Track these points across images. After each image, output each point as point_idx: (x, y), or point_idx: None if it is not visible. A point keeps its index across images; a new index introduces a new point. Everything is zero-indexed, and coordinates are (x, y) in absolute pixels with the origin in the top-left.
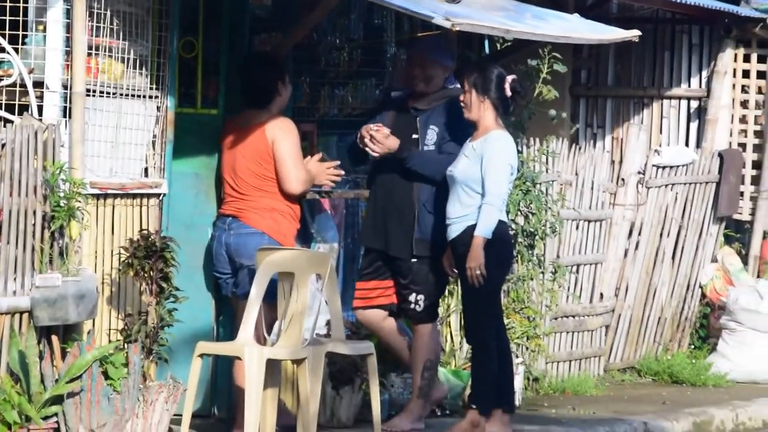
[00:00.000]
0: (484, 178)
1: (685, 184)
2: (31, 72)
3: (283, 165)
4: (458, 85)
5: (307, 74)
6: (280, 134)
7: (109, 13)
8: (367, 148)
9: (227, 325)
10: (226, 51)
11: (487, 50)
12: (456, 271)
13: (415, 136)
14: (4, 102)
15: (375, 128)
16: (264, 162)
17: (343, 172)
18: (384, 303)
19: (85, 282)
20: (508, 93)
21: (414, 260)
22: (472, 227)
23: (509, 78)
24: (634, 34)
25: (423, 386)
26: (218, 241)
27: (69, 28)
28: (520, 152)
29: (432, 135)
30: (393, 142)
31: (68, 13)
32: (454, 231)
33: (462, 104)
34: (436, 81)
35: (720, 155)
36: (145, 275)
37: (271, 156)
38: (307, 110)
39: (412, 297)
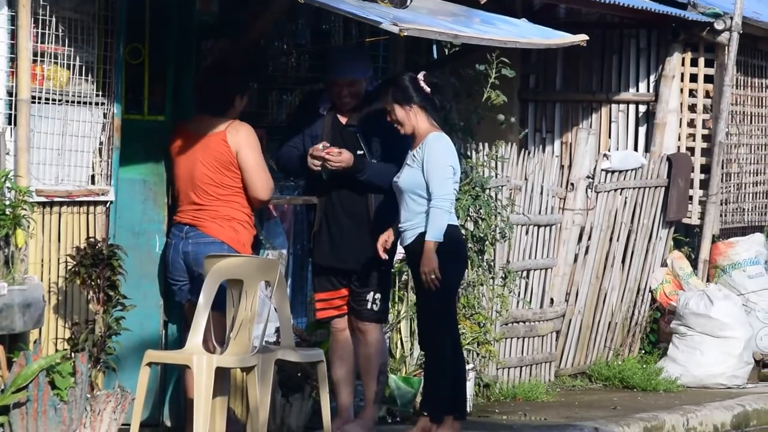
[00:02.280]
0: (428, 182)
1: (634, 188)
2: None
3: (252, 174)
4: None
5: (255, 80)
6: (245, 143)
7: (54, 19)
8: (317, 167)
9: (175, 332)
10: (173, 57)
11: (435, 55)
12: (387, 257)
13: (359, 152)
14: None
15: (324, 150)
16: (226, 171)
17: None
18: (346, 311)
19: (32, 291)
20: (427, 90)
21: (370, 267)
22: (424, 233)
23: (421, 76)
24: (581, 38)
25: (378, 391)
26: (174, 249)
27: (14, 34)
28: (468, 157)
29: (376, 147)
30: (347, 157)
31: (13, 20)
32: (406, 238)
33: (394, 124)
34: (360, 88)
35: (668, 159)
36: (92, 283)
37: (235, 165)
38: (256, 116)
39: (369, 296)
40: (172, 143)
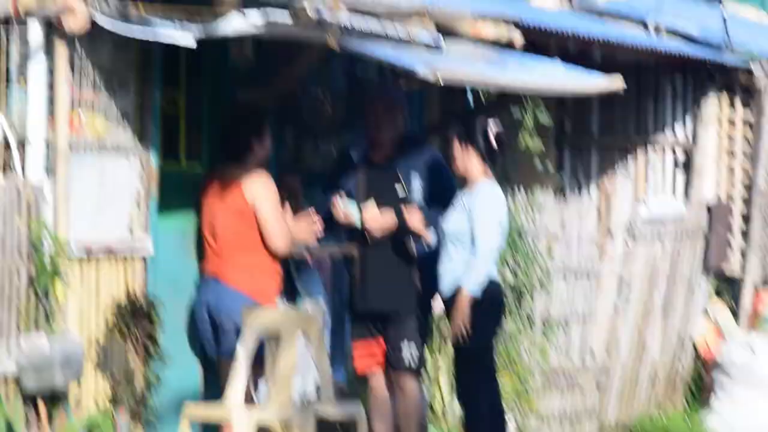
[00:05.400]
0: (473, 231)
1: (673, 236)
2: (12, 128)
3: (267, 224)
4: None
5: (290, 126)
6: (261, 194)
7: (91, 67)
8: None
9: (214, 385)
10: (209, 105)
11: (470, 100)
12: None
13: (399, 193)
14: None
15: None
16: (246, 220)
17: (321, 226)
18: (383, 361)
19: (71, 345)
20: (493, 142)
21: (408, 314)
22: (459, 281)
23: (493, 127)
24: (617, 83)
25: None
26: (200, 302)
27: (51, 84)
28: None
29: (417, 189)
30: (390, 220)
31: (50, 70)
32: (445, 286)
33: (447, 156)
34: (396, 128)
35: (708, 207)
36: (132, 337)
37: (252, 214)
38: (291, 163)
39: (404, 345)
40: (201, 193)
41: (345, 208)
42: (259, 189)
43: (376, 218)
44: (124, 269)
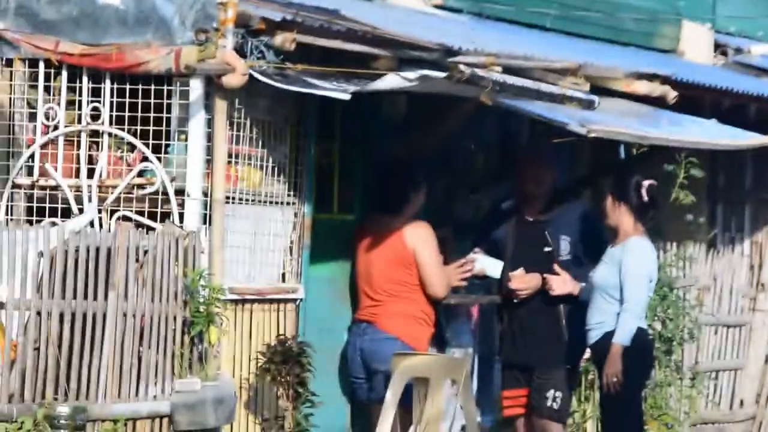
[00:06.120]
0: (623, 285)
1: None
2: (173, 180)
3: (427, 270)
4: (574, 191)
5: (442, 178)
6: (421, 241)
7: (248, 122)
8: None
9: (363, 430)
10: (361, 156)
11: (622, 156)
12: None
13: (547, 248)
14: (146, 209)
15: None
16: (404, 268)
17: (470, 269)
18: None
19: (224, 387)
20: (645, 198)
21: (555, 368)
22: (611, 333)
23: (646, 183)
24: None
25: None
26: (353, 346)
27: (209, 137)
28: (657, 258)
29: (565, 245)
30: (535, 282)
31: (209, 123)
32: (592, 337)
33: (599, 210)
34: (547, 183)
35: None
36: (282, 380)
37: (413, 262)
38: (442, 214)
39: (550, 393)
40: (355, 242)
41: (481, 265)
42: (420, 236)
43: (523, 280)
44: (277, 315)
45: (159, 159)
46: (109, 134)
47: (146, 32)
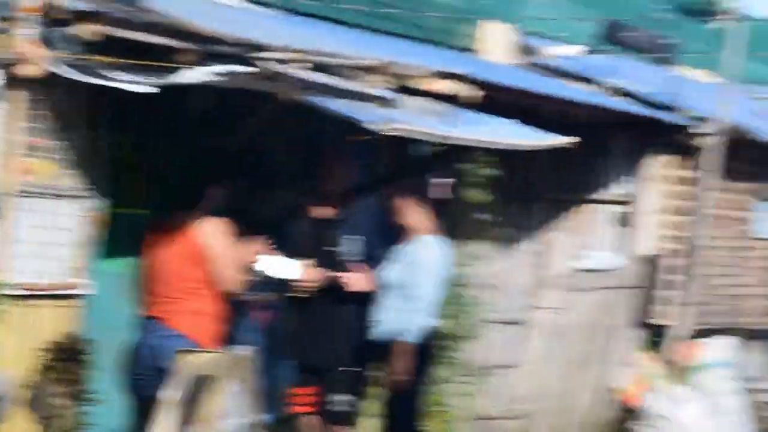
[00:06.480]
0: (415, 282)
1: (607, 288)
2: None
3: (217, 265)
4: (368, 189)
5: (241, 175)
6: (212, 236)
7: (43, 113)
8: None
9: (143, 428)
10: (159, 151)
11: (416, 154)
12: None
13: (334, 248)
14: None
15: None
16: (195, 264)
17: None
18: (317, 408)
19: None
20: (438, 196)
21: (340, 368)
22: (398, 331)
23: (440, 182)
24: (569, 141)
25: None
26: (141, 343)
27: (6, 128)
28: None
29: (356, 244)
30: (318, 276)
31: (6, 113)
32: (379, 334)
33: (391, 208)
34: (342, 181)
35: (643, 260)
36: (61, 378)
37: (203, 258)
38: (244, 212)
39: (337, 397)
40: (146, 238)
41: (262, 264)
42: (210, 231)
43: (308, 273)
44: (61, 310)
45: None
46: None
47: None
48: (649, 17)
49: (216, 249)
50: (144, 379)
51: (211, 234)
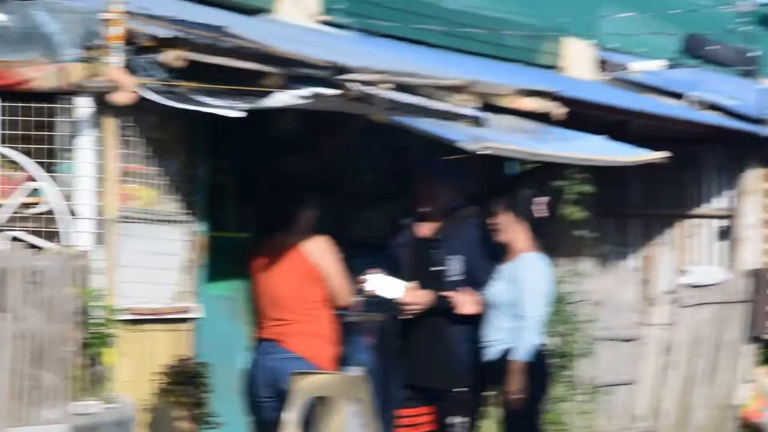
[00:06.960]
0: (521, 301)
1: (716, 303)
2: (64, 200)
3: (334, 281)
4: (467, 208)
5: (332, 196)
6: (323, 254)
7: (139, 139)
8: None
9: None
10: (255, 174)
11: (511, 172)
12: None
13: (437, 268)
14: (42, 229)
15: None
16: (311, 284)
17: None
18: (430, 429)
19: (122, 409)
20: (539, 214)
21: (455, 390)
22: (509, 351)
23: (539, 199)
24: (660, 156)
25: None
26: (257, 366)
27: (101, 155)
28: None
29: (456, 265)
30: (425, 298)
31: (99, 140)
32: (490, 354)
33: (491, 227)
34: (438, 201)
35: (751, 274)
36: (181, 401)
37: (319, 277)
38: (333, 232)
39: (452, 419)
40: (252, 260)
41: (373, 285)
42: (320, 250)
43: (414, 295)
44: (174, 335)
45: (54, 178)
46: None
47: (32, 49)
48: (732, 30)
49: (329, 267)
50: (263, 401)
51: (322, 253)
